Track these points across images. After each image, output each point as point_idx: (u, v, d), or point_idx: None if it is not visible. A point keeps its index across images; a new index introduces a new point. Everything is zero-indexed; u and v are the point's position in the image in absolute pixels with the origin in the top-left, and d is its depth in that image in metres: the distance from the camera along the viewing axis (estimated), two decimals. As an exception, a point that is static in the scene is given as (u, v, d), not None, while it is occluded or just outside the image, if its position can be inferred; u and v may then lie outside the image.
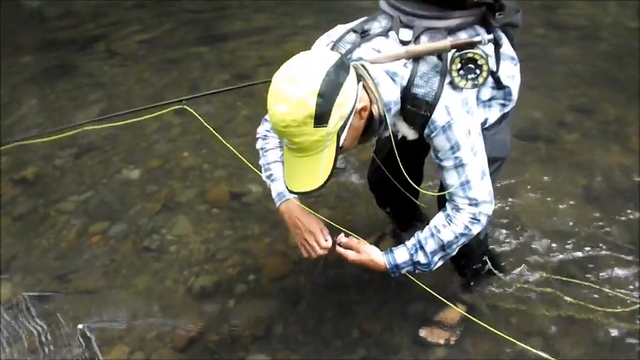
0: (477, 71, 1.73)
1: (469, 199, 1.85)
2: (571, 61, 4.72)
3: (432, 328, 2.48)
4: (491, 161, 2.08)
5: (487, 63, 1.73)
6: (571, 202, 3.19)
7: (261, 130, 2.15)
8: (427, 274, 1.97)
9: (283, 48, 4.95)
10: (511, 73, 1.98)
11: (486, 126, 2.02)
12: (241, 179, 3.51)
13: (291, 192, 1.78)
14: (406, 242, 1.94)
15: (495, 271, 2.60)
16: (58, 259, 3.08)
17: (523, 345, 1.97)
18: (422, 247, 1.90)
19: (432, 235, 1.89)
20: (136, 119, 2.04)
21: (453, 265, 2.47)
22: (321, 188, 1.67)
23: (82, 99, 4.61)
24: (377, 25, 1.84)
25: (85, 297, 2.83)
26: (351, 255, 1.94)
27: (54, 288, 2.88)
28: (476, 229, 1.90)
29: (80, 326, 2.65)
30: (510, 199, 3.19)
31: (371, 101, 1.71)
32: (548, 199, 3.23)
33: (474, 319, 2.00)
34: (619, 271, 2.74)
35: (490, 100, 1.99)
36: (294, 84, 1.55)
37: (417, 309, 2.55)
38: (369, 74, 1.73)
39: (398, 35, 1.78)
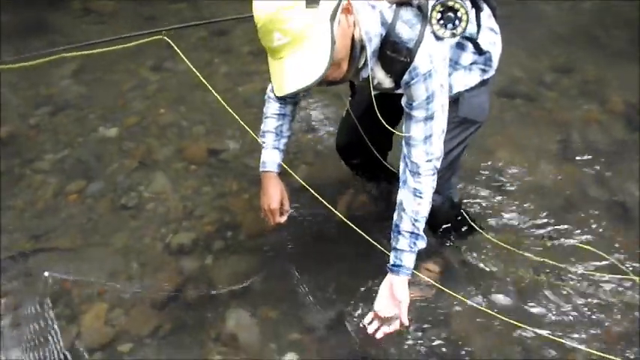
0: (457, 21, 1.73)
1: (427, 153, 1.87)
2: (552, 20, 4.71)
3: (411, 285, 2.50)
4: (468, 123, 2.13)
5: (466, 13, 1.72)
6: (549, 160, 3.22)
7: (267, 89, 2.23)
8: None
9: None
10: (492, 40, 2.02)
11: (466, 88, 2.06)
12: (219, 136, 3.48)
13: (285, 96, 1.63)
14: (397, 245, 1.96)
15: (475, 225, 2.61)
16: (34, 218, 3.04)
17: (486, 310, 2.01)
18: (417, 236, 1.94)
19: (415, 220, 1.93)
20: (112, 47, 1.96)
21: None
22: (319, 81, 1.55)
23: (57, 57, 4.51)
24: None
25: (63, 255, 2.80)
26: (399, 324, 2.00)
27: (31, 248, 2.84)
28: (434, 181, 1.94)
29: (46, 273, 2.64)
30: (489, 156, 3.21)
31: (354, 24, 1.67)
32: (527, 156, 3.25)
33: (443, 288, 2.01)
34: (595, 230, 2.77)
35: (471, 64, 2.02)
36: None
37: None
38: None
39: None
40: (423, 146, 1.86)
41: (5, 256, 2.77)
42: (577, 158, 3.24)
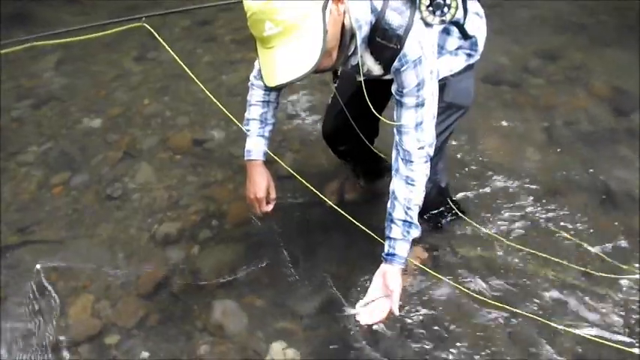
0: (445, 8, 1.75)
1: (418, 140, 1.87)
2: (538, 7, 4.71)
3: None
4: (454, 108, 2.14)
5: (455, 0, 1.75)
6: (534, 146, 3.22)
7: (251, 76, 2.19)
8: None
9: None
10: (477, 25, 2.03)
11: (452, 73, 2.06)
12: (204, 126, 3.46)
13: (276, 87, 1.62)
14: (390, 234, 1.96)
15: (461, 214, 2.62)
16: (19, 211, 3.02)
17: (475, 295, 2.00)
18: (410, 224, 1.93)
19: (408, 208, 1.92)
20: (92, 35, 1.93)
21: None
22: (311, 72, 1.54)
23: (40, 49, 4.46)
24: None
25: (49, 248, 2.78)
26: (390, 312, 1.95)
27: (16, 241, 2.82)
28: (428, 168, 1.94)
29: (38, 266, 2.62)
30: (475, 143, 3.21)
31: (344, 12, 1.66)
32: (512, 142, 3.25)
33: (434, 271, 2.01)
34: (580, 216, 2.77)
35: (457, 49, 2.03)
36: None
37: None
38: None
39: None
40: (414, 133, 1.86)
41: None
42: (562, 144, 3.24)
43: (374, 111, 1.84)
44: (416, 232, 1.95)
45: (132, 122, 3.57)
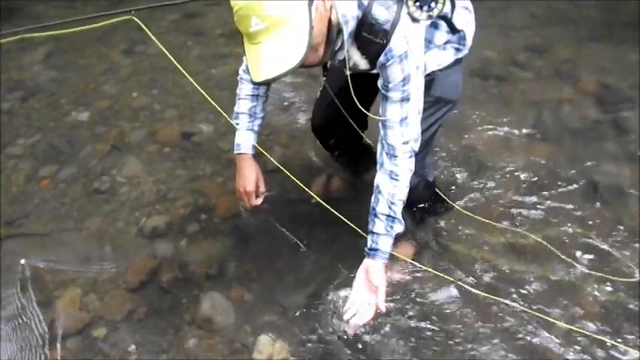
0: (433, 3, 1.74)
1: (403, 135, 1.88)
2: (526, 1, 4.72)
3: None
4: (442, 102, 2.14)
5: None
6: (522, 140, 3.24)
7: (240, 69, 2.19)
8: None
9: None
10: (466, 19, 2.02)
11: (440, 68, 2.05)
12: (192, 119, 3.46)
13: (262, 82, 1.61)
14: (374, 229, 1.98)
15: (448, 200, 2.64)
16: (7, 204, 3.00)
17: (465, 285, 2.00)
18: (393, 219, 1.95)
19: (392, 203, 1.94)
20: (80, 28, 1.91)
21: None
22: (296, 68, 1.54)
23: (28, 41, 4.45)
24: None
25: (36, 241, 2.78)
26: (377, 309, 1.98)
27: (3, 233, 2.81)
28: (412, 163, 1.96)
29: (22, 261, 2.61)
30: (463, 137, 3.23)
31: (330, 8, 1.65)
32: (500, 136, 3.27)
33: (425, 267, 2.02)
34: (567, 210, 2.79)
35: (445, 44, 2.02)
36: None
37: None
38: None
39: None
40: (399, 128, 1.87)
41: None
42: (550, 138, 3.26)
43: (360, 106, 1.84)
44: (399, 228, 1.97)
45: (120, 115, 3.56)
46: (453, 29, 1.99)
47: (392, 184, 1.93)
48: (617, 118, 3.40)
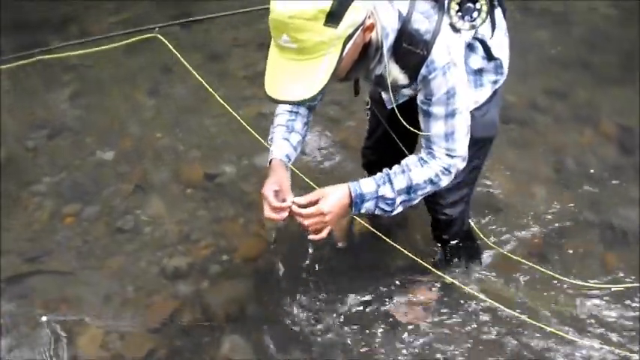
0: (475, 13, 1.70)
1: (448, 149, 1.78)
2: (546, 46, 4.74)
3: (405, 307, 2.50)
4: (481, 142, 2.06)
5: (486, 4, 1.70)
6: (543, 185, 3.24)
7: None
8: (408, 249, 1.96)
9: (257, 29, 4.89)
10: (502, 43, 1.97)
11: (477, 106, 1.99)
12: (216, 160, 3.48)
13: (272, 100, 1.54)
14: (371, 175, 1.86)
15: (482, 236, 2.64)
16: (30, 241, 3.04)
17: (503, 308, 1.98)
18: (390, 181, 1.80)
19: (403, 171, 1.81)
20: (103, 47, 1.92)
21: (436, 239, 2.54)
22: (310, 100, 1.50)
23: (54, 80, 4.54)
24: None
25: (58, 279, 2.80)
26: (304, 212, 1.76)
27: (26, 270, 2.84)
28: (445, 181, 1.84)
29: (44, 318, 2.60)
30: (483, 181, 3.22)
31: (372, 27, 1.58)
32: (520, 181, 3.27)
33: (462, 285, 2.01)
34: (590, 256, 2.81)
35: (481, 73, 1.96)
36: None
37: (389, 286, 2.57)
38: None
39: None
40: (444, 143, 1.77)
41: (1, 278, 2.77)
42: (571, 182, 3.26)
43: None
44: (389, 193, 1.80)
45: (144, 155, 3.60)
46: (489, 56, 1.92)
47: (416, 163, 1.82)
48: (636, 160, 3.40)
